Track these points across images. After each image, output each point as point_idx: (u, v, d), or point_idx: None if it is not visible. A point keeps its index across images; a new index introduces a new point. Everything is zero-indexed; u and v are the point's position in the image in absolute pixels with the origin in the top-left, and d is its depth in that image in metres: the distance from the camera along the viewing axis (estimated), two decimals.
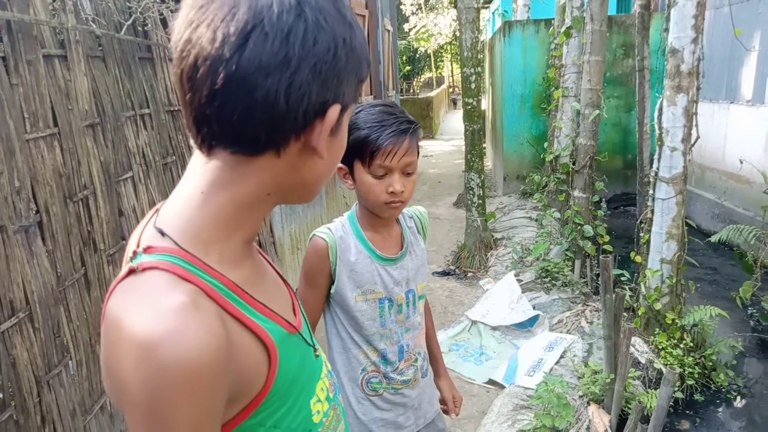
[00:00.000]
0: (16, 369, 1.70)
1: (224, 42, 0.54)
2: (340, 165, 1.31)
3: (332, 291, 1.34)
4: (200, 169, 0.61)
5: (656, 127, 3.31)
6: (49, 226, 1.89)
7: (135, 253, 0.59)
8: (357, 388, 1.38)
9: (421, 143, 1.41)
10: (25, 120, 1.80)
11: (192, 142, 0.62)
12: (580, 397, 2.91)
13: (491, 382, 3.35)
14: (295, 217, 4.40)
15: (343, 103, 0.61)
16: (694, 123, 3.17)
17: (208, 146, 0.60)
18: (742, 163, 4.87)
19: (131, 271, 0.57)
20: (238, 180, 0.60)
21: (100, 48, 2.26)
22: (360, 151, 1.25)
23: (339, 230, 1.36)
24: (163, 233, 0.59)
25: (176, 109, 2.88)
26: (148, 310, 0.53)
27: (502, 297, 4.32)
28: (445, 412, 1.59)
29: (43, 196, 1.87)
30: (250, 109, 0.56)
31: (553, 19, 7.01)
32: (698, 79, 3.15)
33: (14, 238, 1.70)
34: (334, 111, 0.60)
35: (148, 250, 0.58)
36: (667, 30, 3.24)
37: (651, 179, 3.39)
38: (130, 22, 2.41)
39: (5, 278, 1.67)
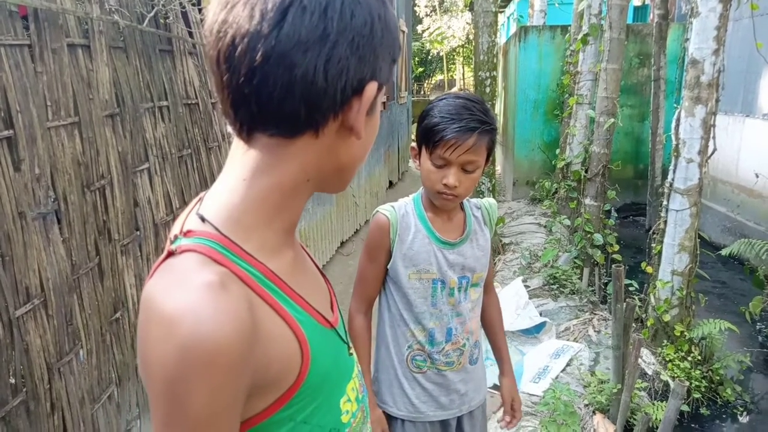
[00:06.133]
0: (28, 355, 1.70)
1: (262, 18, 0.53)
2: (413, 145, 1.39)
3: (388, 266, 1.40)
4: (241, 158, 0.61)
5: (673, 137, 3.29)
6: (66, 214, 1.90)
7: (176, 236, 0.60)
8: (402, 363, 1.44)
9: None
10: (48, 108, 1.81)
11: (230, 128, 0.61)
12: (586, 405, 2.89)
13: (495, 387, 3.34)
14: (304, 215, 4.40)
15: (379, 80, 0.60)
16: (711, 135, 3.15)
17: (247, 131, 0.59)
18: (758, 176, 4.83)
19: (170, 254, 0.58)
20: (279, 164, 0.60)
21: (122, 39, 2.27)
22: (427, 138, 1.30)
23: (402, 209, 1.42)
24: (203, 219, 0.60)
25: (193, 102, 2.89)
26: (176, 288, 0.53)
27: (509, 302, 4.31)
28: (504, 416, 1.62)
29: (62, 184, 1.87)
30: (290, 86, 0.55)
31: (569, 25, 6.98)
32: (718, 91, 3.13)
33: (32, 225, 1.71)
34: (371, 88, 0.59)
35: (187, 234, 0.59)
36: (687, 40, 3.22)
37: (665, 190, 3.37)
38: (152, 14, 2.42)
39: (22, 265, 1.68)
